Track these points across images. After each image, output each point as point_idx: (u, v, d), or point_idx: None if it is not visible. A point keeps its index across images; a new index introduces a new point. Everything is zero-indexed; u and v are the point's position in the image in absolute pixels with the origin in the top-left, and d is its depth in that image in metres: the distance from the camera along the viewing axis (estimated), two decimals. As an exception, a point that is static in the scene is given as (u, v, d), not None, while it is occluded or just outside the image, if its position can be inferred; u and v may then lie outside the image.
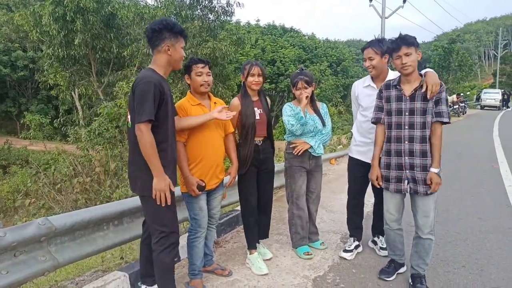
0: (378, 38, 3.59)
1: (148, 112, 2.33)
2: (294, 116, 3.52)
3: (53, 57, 17.87)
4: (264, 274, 3.34)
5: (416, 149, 2.89)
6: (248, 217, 3.51)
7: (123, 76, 17.22)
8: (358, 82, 3.77)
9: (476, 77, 73.65)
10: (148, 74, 2.45)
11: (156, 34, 2.50)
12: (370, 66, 3.43)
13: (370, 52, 3.41)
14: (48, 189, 8.17)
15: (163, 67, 2.57)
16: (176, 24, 2.56)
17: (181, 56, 2.59)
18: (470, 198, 5.70)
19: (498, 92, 33.61)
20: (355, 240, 3.80)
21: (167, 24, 2.50)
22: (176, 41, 2.54)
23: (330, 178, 7.52)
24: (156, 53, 2.56)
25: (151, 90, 2.35)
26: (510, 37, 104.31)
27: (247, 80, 3.38)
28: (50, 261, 2.62)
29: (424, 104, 2.85)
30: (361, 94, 3.62)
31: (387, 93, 3.03)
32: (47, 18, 16.21)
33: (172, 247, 2.58)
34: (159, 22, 2.51)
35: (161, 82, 2.44)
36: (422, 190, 2.90)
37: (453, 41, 47.94)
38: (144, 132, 2.34)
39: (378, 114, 3.09)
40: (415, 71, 2.89)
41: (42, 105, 31.33)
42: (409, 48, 2.82)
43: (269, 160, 3.54)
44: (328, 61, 47.20)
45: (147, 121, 2.33)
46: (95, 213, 2.93)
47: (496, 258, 3.59)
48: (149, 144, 2.35)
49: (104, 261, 3.66)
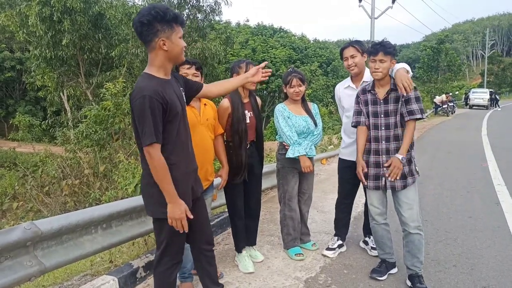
0: (355, 40, 3.63)
1: (149, 134, 2.02)
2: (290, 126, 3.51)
3: (41, 58, 17.69)
4: (250, 272, 3.35)
5: (391, 147, 3.04)
6: (236, 220, 3.47)
7: (111, 77, 17.09)
8: (339, 84, 3.79)
9: (465, 77, 74.55)
10: (142, 86, 2.06)
11: (146, 28, 2.06)
12: (353, 64, 3.43)
13: (352, 50, 3.43)
14: (36, 191, 8.06)
15: (161, 66, 2.16)
16: (167, 10, 2.08)
17: (181, 47, 2.15)
18: (460, 197, 5.74)
19: (486, 92, 34.08)
20: (339, 239, 3.81)
21: (156, 13, 2.03)
22: (172, 31, 2.10)
23: (321, 178, 7.52)
24: (150, 51, 2.12)
25: (146, 106, 2.00)
26: (497, 37, 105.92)
27: None
28: (36, 266, 2.56)
29: (396, 105, 3.02)
30: (342, 96, 3.66)
31: (364, 97, 3.17)
32: (34, 18, 16.04)
33: (175, 266, 2.42)
34: (147, 13, 2.04)
35: (158, 91, 2.05)
36: (399, 184, 3.02)
37: (442, 42, 48.54)
38: (152, 156, 2.05)
39: (357, 118, 3.20)
40: (386, 76, 3.03)
41: (30, 107, 30.99)
42: (385, 56, 2.94)
43: (255, 165, 3.49)
44: (319, 61, 47.47)
45: (154, 143, 2.04)
46: (82, 216, 2.88)
47: (487, 257, 3.60)
48: (160, 169, 2.07)
49: (93, 265, 3.60)
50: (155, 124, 2.04)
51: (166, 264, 2.37)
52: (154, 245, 3.81)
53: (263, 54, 42.63)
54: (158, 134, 2.06)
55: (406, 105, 2.98)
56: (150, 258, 3.37)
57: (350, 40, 3.78)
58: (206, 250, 2.56)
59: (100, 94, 11.35)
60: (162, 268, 2.37)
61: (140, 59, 16.68)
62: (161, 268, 2.38)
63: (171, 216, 2.15)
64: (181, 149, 2.25)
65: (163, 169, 2.09)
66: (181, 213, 2.15)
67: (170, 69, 2.24)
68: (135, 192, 4.46)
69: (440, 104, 25.55)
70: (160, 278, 2.41)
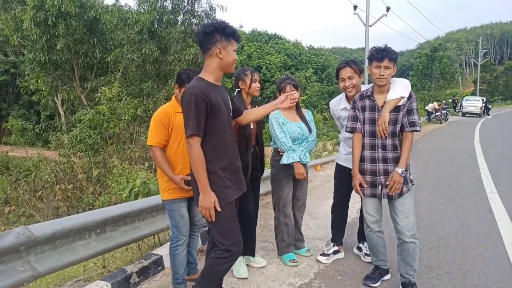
0: (350, 59, 3.61)
1: (191, 127, 2.28)
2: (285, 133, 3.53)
3: (35, 62, 17.58)
4: (243, 278, 3.34)
5: (389, 156, 3.02)
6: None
7: (106, 81, 17.04)
8: (334, 103, 3.74)
9: (458, 84, 75.27)
10: (192, 85, 2.37)
11: (208, 37, 2.38)
12: (351, 85, 3.39)
13: (349, 72, 3.39)
14: (29, 196, 8.01)
15: (214, 72, 2.45)
16: (228, 25, 2.42)
17: (233, 59, 2.46)
18: (453, 204, 5.78)
19: (479, 100, 34.37)
20: (335, 245, 3.82)
21: (218, 26, 2.38)
22: (228, 43, 2.40)
23: (316, 184, 7.54)
24: (207, 58, 2.43)
25: (192, 102, 2.28)
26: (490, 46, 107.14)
27: (251, 86, 3.37)
28: (29, 271, 2.55)
29: (395, 114, 2.98)
30: (342, 117, 3.60)
31: (361, 103, 3.12)
32: (28, 22, 15.98)
33: (229, 258, 2.48)
34: (210, 25, 2.40)
35: (205, 91, 2.32)
36: (396, 193, 3.00)
37: (436, 50, 49.01)
38: (191, 147, 2.30)
39: (353, 124, 3.16)
40: (388, 83, 3.02)
41: (24, 111, 30.79)
42: (390, 62, 2.94)
43: (255, 170, 3.50)
44: (313, 68, 47.68)
45: (195, 136, 2.28)
46: (76, 221, 2.87)
47: (479, 264, 3.63)
48: (196, 160, 2.30)
49: (86, 270, 3.59)
50: (197, 119, 2.29)
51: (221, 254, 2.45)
52: (148, 251, 3.81)
53: (259, 60, 42.80)
54: (199, 128, 2.31)
55: (408, 116, 2.97)
56: (144, 264, 3.37)
57: (344, 48, 3.80)
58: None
59: (95, 99, 11.34)
60: (217, 254, 2.46)
61: (135, 64, 16.64)
62: (216, 254, 2.47)
63: (201, 205, 2.35)
64: (224, 147, 2.44)
65: (200, 161, 2.31)
66: (211, 203, 2.33)
67: (220, 77, 2.52)
68: (129, 197, 4.45)
69: (432, 111, 25.75)
70: (211, 263, 2.50)
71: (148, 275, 3.38)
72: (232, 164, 2.50)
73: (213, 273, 2.50)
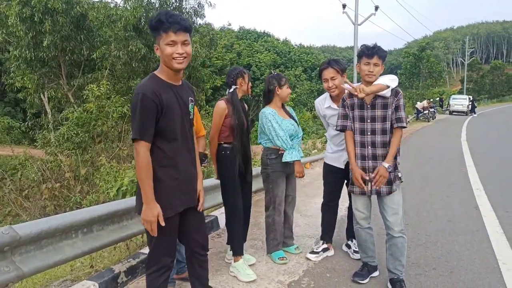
0: (333, 58, 3.62)
1: (135, 130, 2.09)
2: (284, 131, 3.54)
3: (21, 59, 17.28)
4: (253, 280, 3.27)
5: (378, 153, 3.04)
6: (235, 223, 3.44)
7: (93, 79, 16.82)
8: (319, 101, 3.75)
9: (445, 83, 76.16)
10: (141, 84, 2.16)
11: (153, 34, 2.20)
12: (333, 86, 3.41)
13: (332, 72, 3.40)
14: (15, 195, 7.88)
15: (164, 70, 2.23)
16: (151, 19, 2.16)
17: (166, 53, 2.14)
18: (440, 201, 5.84)
19: (465, 98, 34.85)
20: (324, 242, 3.83)
21: (150, 23, 2.17)
22: (159, 38, 2.14)
23: (305, 182, 7.56)
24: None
25: (138, 104, 2.08)
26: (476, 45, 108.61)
27: (248, 85, 3.46)
28: (14, 271, 2.50)
29: (384, 111, 3.01)
30: (327, 115, 3.63)
31: (350, 101, 3.13)
32: (14, 18, 15.69)
33: (163, 270, 2.34)
34: (150, 20, 2.18)
35: (156, 91, 2.11)
36: (385, 190, 3.04)
37: (424, 49, 49.50)
38: (138, 152, 2.10)
39: (344, 122, 3.17)
40: (375, 81, 3.03)
41: (9, 108, 30.34)
42: (379, 59, 2.98)
43: (248, 166, 3.52)
44: (303, 66, 47.80)
45: (140, 140, 2.09)
46: (62, 220, 2.83)
47: (465, 260, 3.68)
48: (141, 166, 2.10)
49: (73, 270, 3.54)
50: (143, 122, 2.09)
51: (154, 267, 2.34)
52: (136, 250, 3.78)
53: (248, 58, 42.73)
54: (144, 132, 2.10)
55: (396, 112, 3.00)
56: (132, 263, 3.33)
57: (333, 46, 3.81)
58: (199, 254, 2.54)
59: (83, 96, 11.19)
60: (150, 270, 2.35)
61: (122, 62, 16.44)
62: (150, 270, 2.36)
63: (143, 217, 2.16)
64: (174, 154, 2.24)
65: (145, 168, 2.11)
66: (153, 217, 2.14)
67: (172, 74, 2.25)
68: (117, 196, 4.41)
69: (421, 109, 26.04)
70: (148, 281, 2.38)
71: (137, 274, 3.35)
72: (184, 173, 2.31)
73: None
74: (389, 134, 3.04)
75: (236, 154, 3.34)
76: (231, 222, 3.47)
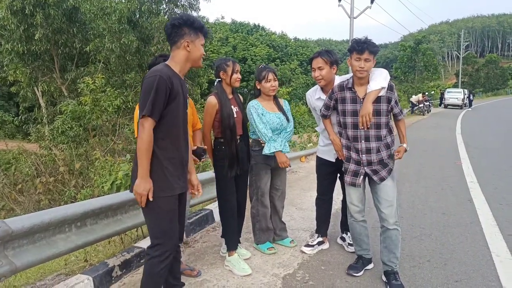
0: (326, 49, 3.60)
1: (147, 108, 2.20)
2: (264, 123, 3.51)
3: (13, 52, 17.12)
4: (248, 274, 3.27)
5: (372, 146, 3.05)
6: (228, 217, 3.44)
7: (87, 72, 16.70)
8: (310, 93, 3.73)
9: (440, 77, 76.34)
10: (157, 68, 2.31)
11: (176, 30, 2.37)
12: (320, 76, 3.39)
13: (320, 62, 3.38)
14: (9, 189, 7.82)
15: (179, 63, 2.42)
16: (196, 19, 2.43)
17: (201, 53, 2.46)
18: (434, 194, 5.87)
19: (460, 92, 34.95)
20: (319, 236, 3.84)
21: (187, 19, 2.38)
22: (196, 37, 2.41)
23: (300, 175, 7.57)
24: (174, 50, 2.42)
25: (154, 84, 2.21)
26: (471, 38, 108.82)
27: (232, 77, 3.34)
28: (6, 266, 2.49)
29: (377, 105, 2.99)
30: (317, 106, 3.60)
31: (341, 94, 3.12)
32: (5, 11, 15.53)
33: (165, 256, 2.38)
34: (179, 18, 2.39)
35: (170, 77, 2.29)
36: (376, 178, 3.06)
37: (420, 42, 49.47)
38: (143, 127, 2.22)
39: (325, 112, 3.30)
40: (368, 75, 3.02)
41: (3, 102, 30.07)
42: (370, 55, 2.93)
43: (245, 160, 3.50)
44: (299, 60, 47.66)
45: (148, 117, 2.21)
46: (55, 214, 2.81)
47: (459, 252, 3.70)
48: (145, 142, 2.21)
49: (68, 264, 3.53)
50: (156, 101, 2.23)
51: (157, 251, 2.37)
52: (131, 244, 3.77)
53: (244, 52, 42.57)
54: (154, 110, 2.23)
55: (397, 106, 3.08)
56: (126, 257, 3.32)
57: (329, 40, 3.78)
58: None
59: (78, 89, 11.11)
60: (153, 254, 2.39)
61: (116, 55, 16.33)
62: (152, 254, 2.39)
63: (135, 189, 2.27)
64: (174, 139, 2.39)
65: (147, 144, 2.23)
66: (144, 190, 2.25)
67: (184, 71, 2.49)
68: (111, 190, 4.38)
69: (416, 103, 26.08)
70: (148, 266, 2.41)
71: (131, 268, 3.34)
72: (180, 157, 2.44)
73: (153, 277, 2.41)
74: (384, 128, 3.03)
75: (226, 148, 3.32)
76: (224, 216, 3.48)
